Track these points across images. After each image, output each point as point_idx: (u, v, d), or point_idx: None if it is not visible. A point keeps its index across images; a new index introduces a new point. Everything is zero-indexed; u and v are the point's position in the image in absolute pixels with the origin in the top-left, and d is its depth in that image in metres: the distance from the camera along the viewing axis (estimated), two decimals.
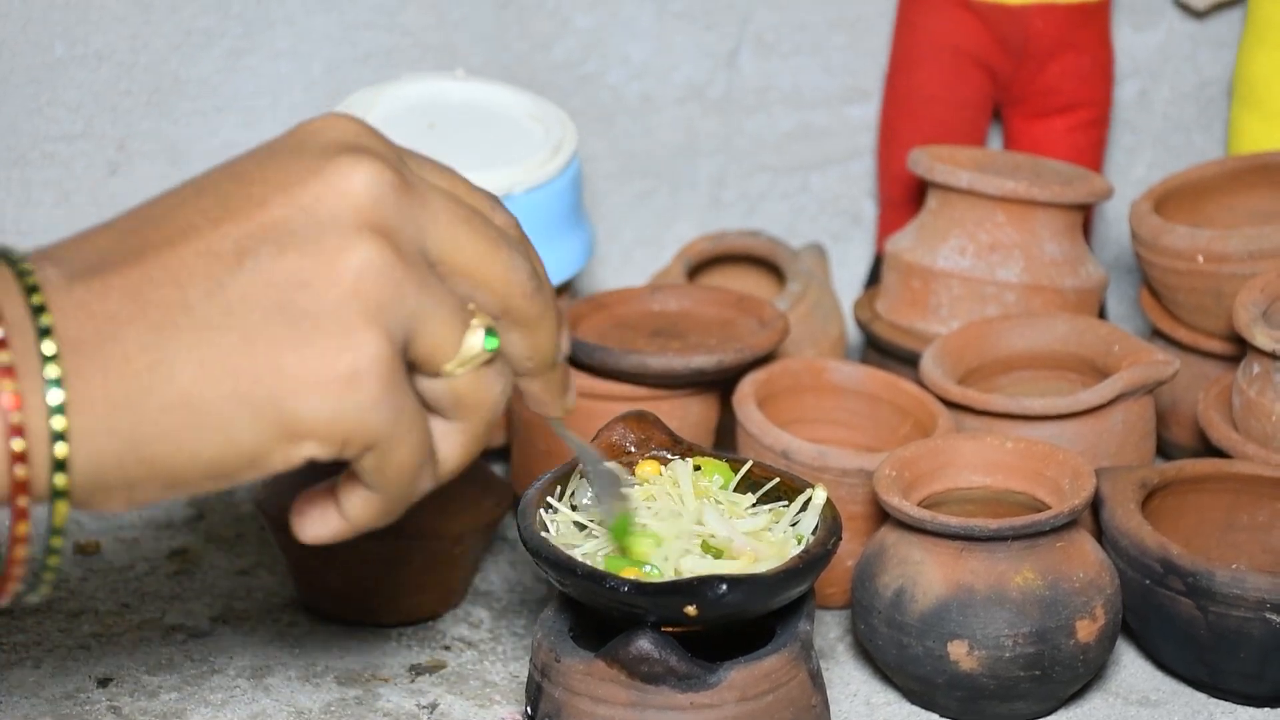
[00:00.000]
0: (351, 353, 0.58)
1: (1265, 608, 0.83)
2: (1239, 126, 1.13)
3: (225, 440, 0.59)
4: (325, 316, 0.58)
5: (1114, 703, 0.86)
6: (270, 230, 0.59)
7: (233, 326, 0.58)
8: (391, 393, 0.59)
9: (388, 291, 0.59)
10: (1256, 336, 0.92)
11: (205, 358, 0.58)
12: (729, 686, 0.74)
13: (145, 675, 0.86)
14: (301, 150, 0.61)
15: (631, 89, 1.14)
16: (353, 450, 0.60)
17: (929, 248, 1.03)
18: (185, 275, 0.58)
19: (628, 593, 0.73)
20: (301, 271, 0.58)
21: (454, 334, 0.62)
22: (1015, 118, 1.14)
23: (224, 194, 0.60)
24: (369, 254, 0.59)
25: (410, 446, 0.61)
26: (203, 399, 0.58)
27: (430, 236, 0.61)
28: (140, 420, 0.58)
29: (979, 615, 0.82)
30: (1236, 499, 0.91)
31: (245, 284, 0.58)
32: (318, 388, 0.58)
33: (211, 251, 0.58)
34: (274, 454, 0.59)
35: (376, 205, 0.60)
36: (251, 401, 0.58)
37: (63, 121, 1.06)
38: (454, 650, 0.89)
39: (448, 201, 0.62)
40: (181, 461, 0.59)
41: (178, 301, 0.58)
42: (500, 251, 0.63)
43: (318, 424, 0.59)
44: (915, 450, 0.87)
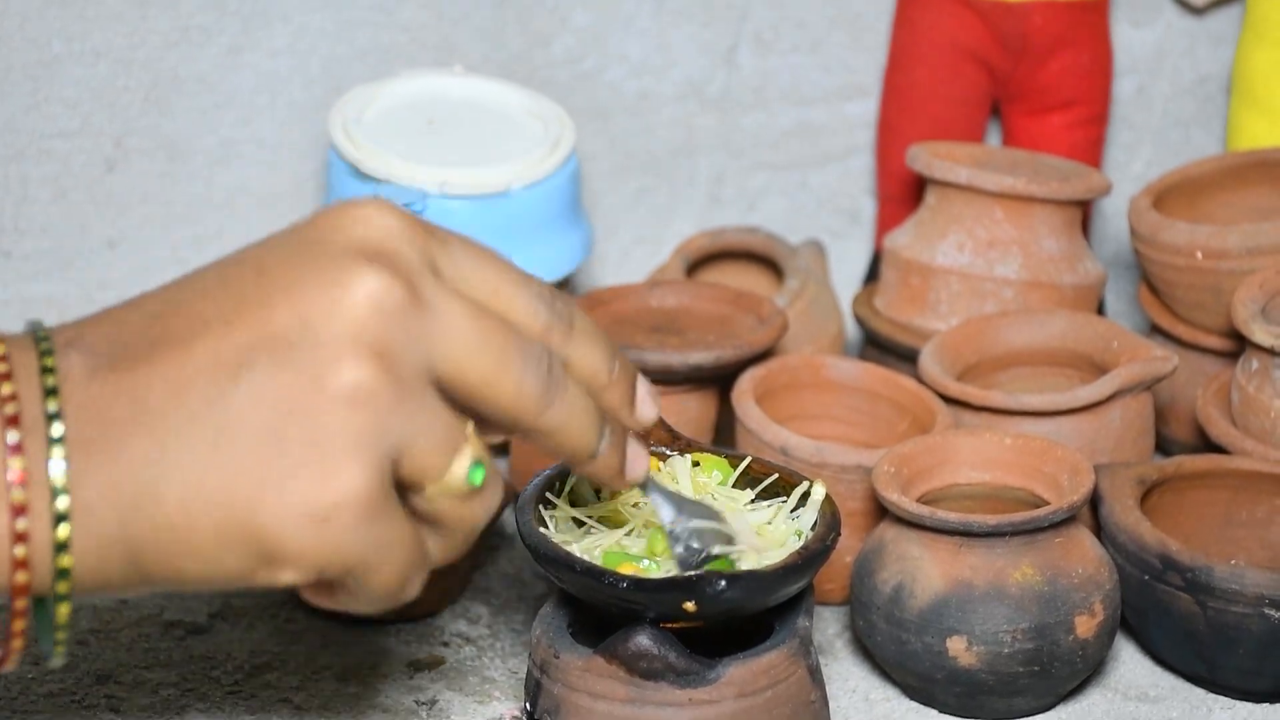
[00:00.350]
0: (333, 487, 0.59)
1: (1264, 603, 0.83)
2: (1238, 123, 1.13)
3: (208, 564, 0.60)
4: (310, 446, 0.59)
5: (1113, 698, 0.86)
6: (271, 341, 0.59)
7: (220, 454, 0.59)
8: (370, 525, 0.60)
9: (375, 420, 0.59)
10: (1255, 333, 0.92)
11: (190, 486, 0.59)
12: (728, 683, 0.74)
13: (143, 671, 0.86)
14: (323, 244, 0.61)
15: (630, 86, 1.14)
16: (332, 575, 0.61)
17: (928, 244, 1.03)
18: (188, 384, 0.59)
19: (626, 589, 0.73)
20: (293, 394, 0.59)
21: (440, 461, 0.61)
22: (1014, 114, 1.14)
23: (242, 289, 0.60)
24: (358, 377, 0.59)
25: (391, 572, 0.62)
26: (189, 526, 0.60)
27: (436, 356, 0.61)
28: (133, 536, 0.60)
29: (978, 611, 0.82)
30: (1235, 495, 0.91)
31: (241, 402, 0.59)
32: (292, 522, 0.59)
33: (216, 359, 0.60)
34: (257, 577, 0.61)
35: (379, 325, 0.60)
36: (230, 533, 0.60)
37: (60, 118, 1.06)
38: (452, 646, 0.89)
39: (464, 317, 0.61)
40: (171, 575, 0.61)
41: (178, 414, 0.59)
42: (510, 375, 0.62)
43: (293, 555, 0.60)
44: (914, 446, 0.87)
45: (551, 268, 1.04)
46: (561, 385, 0.64)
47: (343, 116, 1.03)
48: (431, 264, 0.62)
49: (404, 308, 0.60)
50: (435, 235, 0.63)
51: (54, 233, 1.08)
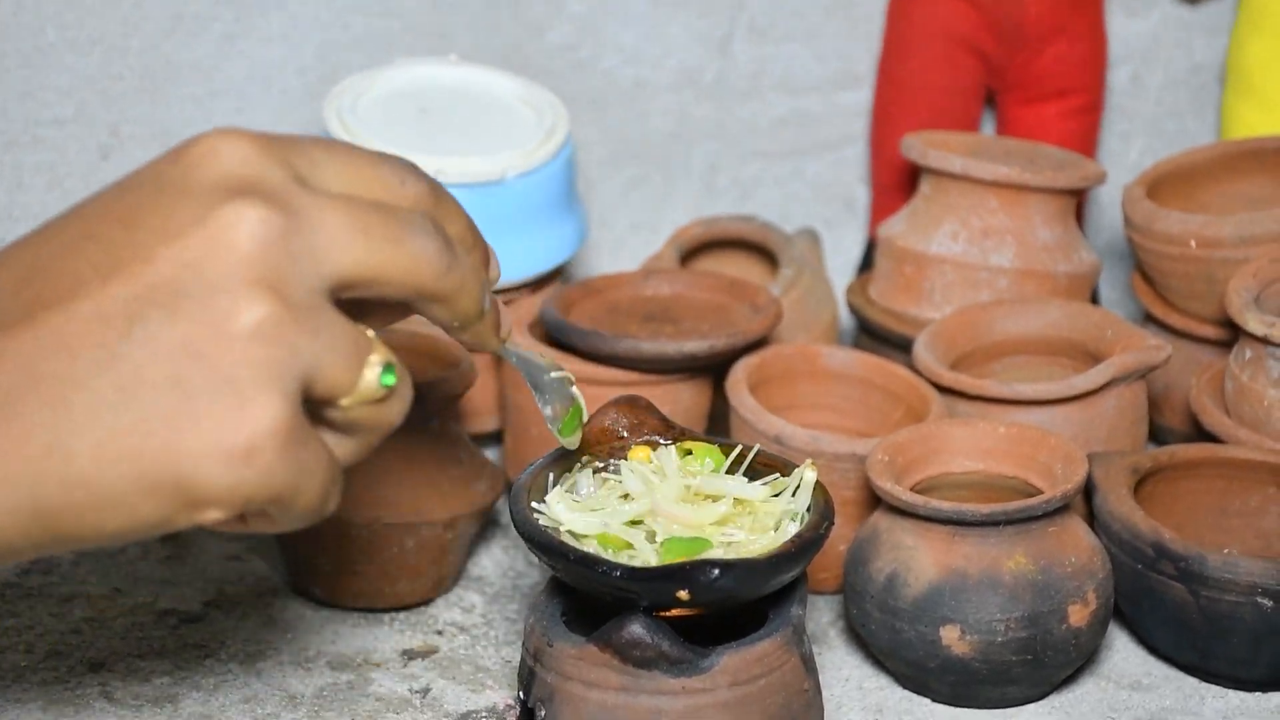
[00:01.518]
0: (248, 424, 0.58)
1: (1257, 592, 0.83)
2: (1232, 112, 1.13)
3: (127, 514, 0.59)
4: (218, 389, 0.58)
5: (1106, 687, 0.87)
6: (158, 291, 0.58)
7: (126, 405, 0.58)
8: (291, 453, 0.59)
9: (280, 351, 0.59)
10: (1249, 322, 0.92)
11: (101, 440, 0.58)
12: (721, 671, 0.74)
13: (137, 660, 0.86)
14: (186, 188, 0.60)
15: (625, 74, 1.14)
16: (256, 508, 0.60)
17: (922, 233, 1.03)
18: (76, 343, 0.58)
19: (620, 577, 0.73)
20: (192, 340, 0.58)
21: (350, 374, 0.61)
22: (1008, 103, 1.14)
23: (111, 242, 0.59)
24: (259, 314, 0.58)
25: (314, 491, 0.61)
26: (101, 480, 0.58)
27: (325, 264, 0.60)
28: (41, 497, 0.59)
29: (971, 600, 0.82)
30: (1229, 484, 0.91)
31: (137, 356, 0.58)
32: (215, 462, 0.58)
33: (101, 315, 0.58)
34: (177, 521, 0.60)
35: (264, 256, 0.59)
36: (150, 481, 0.59)
37: (54, 106, 1.06)
38: (446, 635, 0.89)
39: (341, 214, 0.61)
40: (86, 532, 0.60)
41: (70, 375, 0.58)
42: (402, 247, 0.62)
43: (218, 495, 0.59)
44: (908, 435, 0.88)
45: (546, 256, 1.04)
46: (452, 248, 0.64)
47: (337, 105, 1.03)
48: (294, 174, 0.61)
49: (284, 232, 0.59)
50: (286, 145, 0.62)
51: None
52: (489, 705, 0.84)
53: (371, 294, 0.62)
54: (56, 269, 0.59)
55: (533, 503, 0.77)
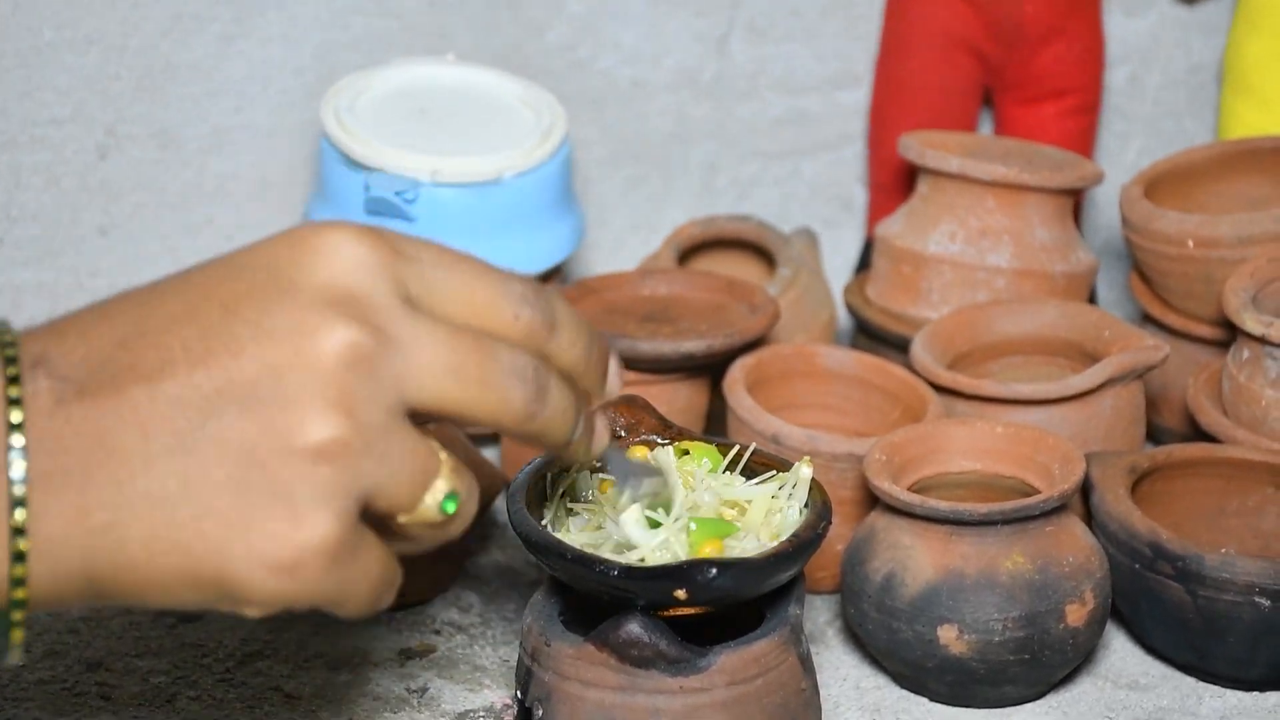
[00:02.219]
0: (296, 540, 0.59)
1: (1255, 592, 0.83)
2: (1230, 112, 1.13)
3: (169, 599, 0.61)
4: (274, 499, 0.59)
5: (1103, 686, 0.87)
6: (238, 388, 0.59)
7: (185, 499, 0.59)
8: (337, 569, 0.60)
9: (341, 473, 0.60)
10: (1246, 322, 0.92)
11: (156, 531, 0.59)
12: (719, 670, 0.74)
13: (134, 659, 0.86)
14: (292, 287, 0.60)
15: (623, 74, 1.14)
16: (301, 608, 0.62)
17: (919, 233, 1.03)
18: (153, 425, 0.59)
19: (617, 577, 0.73)
20: (259, 447, 0.59)
21: (411, 499, 0.62)
22: (1006, 103, 1.14)
23: (208, 328, 0.60)
24: (326, 435, 0.59)
25: (360, 599, 0.62)
26: (149, 567, 0.60)
27: (409, 391, 0.61)
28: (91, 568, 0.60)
29: (969, 599, 0.82)
30: (1226, 484, 0.91)
31: (205, 450, 0.59)
32: (259, 571, 0.60)
33: (182, 401, 0.59)
34: (219, 608, 0.62)
35: (345, 378, 0.59)
36: (194, 576, 0.60)
37: (52, 106, 1.06)
38: (444, 634, 0.89)
39: (437, 347, 0.61)
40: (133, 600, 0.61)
41: (141, 454, 0.59)
42: (491, 392, 0.62)
43: (258, 599, 0.61)
44: (905, 435, 0.88)
45: (543, 256, 1.04)
46: (545, 391, 0.64)
47: (335, 104, 1.03)
48: (403, 293, 0.61)
49: (372, 357, 0.60)
50: (404, 254, 0.62)
51: (46, 220, 1.08)
52: (486, 705, 0.84)
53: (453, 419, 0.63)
54: (152, 342, 0.60)
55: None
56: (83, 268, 1.09)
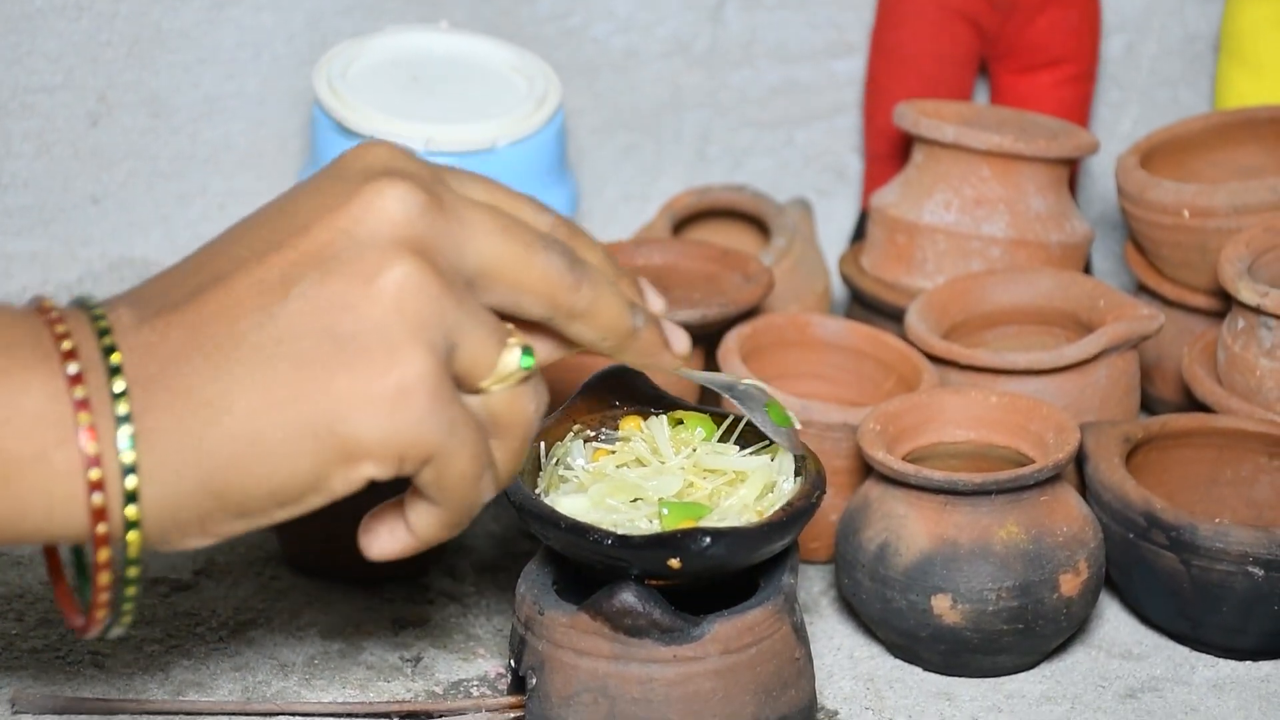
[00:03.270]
0: (398, 370, 0.61)
1: (1248, 561, 0.83)
2: (1226, 81, 1.13)
3: (287, 466, 0.61)
4: (369, 337, 0.61)
5: (1097, 656, 0.87)
6: (313, 256, 0.62)
7: (284, 355, 0.61)
8: (442, 405, 0.62)
9: (427, 307, 0.62)
10: (1241, 291, 0.92)
11: (261, 389, 0.61)
12: (712, 639, 0.74)
13: (128, 628, 0.85)
14: (340, 176, 0.64)
15: (616, 43, 1.14)
16: (410, 465, 0.62)
17: (914, 203, 1.03)
18: (237, 309, 0.61)
19: (611, 546, 0.73)
20: (345, 295, 0.61)
21: (491, 351, 0.64)
22: (1002, 73, 1.14)
23: (271, 227, 0.63)
24: (407, 271, 0.61)
25: (467, 456, 0.63)
26: (261, 428, 0.61)
27: (467, 252, 0.64)
28: (206, 451, 0.61)
29: (963, 569, 0.82)
30: (1220, 453, 0.91)
31: (293, 312, 0.61)
32: (368, 407, 0.61)
33: (261, 283, 0.62)
34: (334, 477, 0.62)
35: (411, 223, 0.62)
36: (307, 427, 0.61)
37: (43, 73, 1.06)
38: (437, 604, 0.89)
39: (483, 214, 0.65)
40: (248, 490, 0.62)
41: (231, 336, 0.61)
42: (536, 256, 0.65)
43: (372, 443, 0.61)
44: (899, 405, 0.87)
45: None
46: (584, 266, 0.67)
47: (327, 72, 1.03)
48: (441, 180, 0.65)
49: (432, 209, 0.63)
50: (438, 164, 0.66)
51: (37, 188, 1.07)
52: (480, 674, 0.84)
53: (509, 301, 0.65)
54: (220, 256, 0.63)
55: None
56: (74, 236, 1.08)
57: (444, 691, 0.83)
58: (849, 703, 0.83)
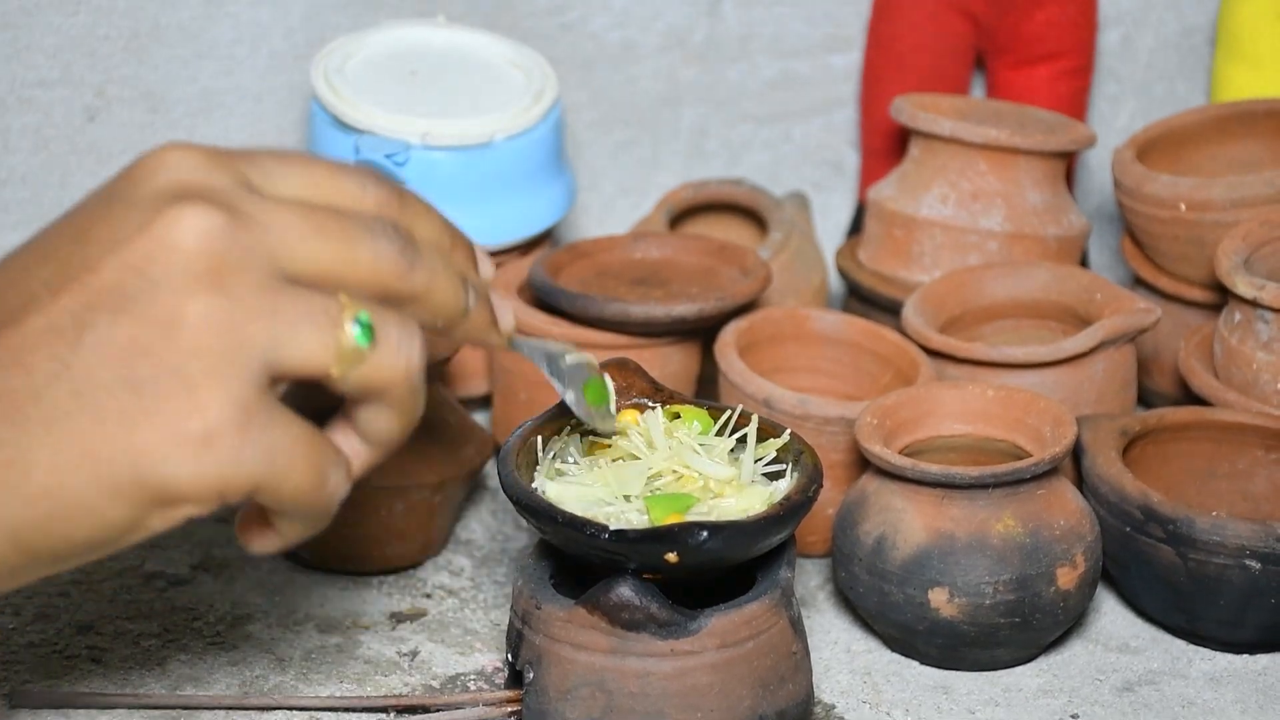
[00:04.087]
0: (199, 413, 0.58)
1: (1245, 555, 0.83)
2: (1222, 75, 1.13)
3: (95, 521, 0.59)
4: (167, 382, 0.58)
5: (1094, 649, 0.87)
6: (105, 298, 0.58)
7: (82, 409, 0.58)
8: (255, 436, 0.59)
9: (229, 339, 0.59)
10: (1238, 284, 0.92)
11: (59, 447, 0.58)
12: (709, 633, 0.74)
13: (125, 622, 0.86)
14: (134, 199, 0.60)
15: (613, 37, 1.14)
16: (236, 498, 0.60)
17: (911, 196, 1.03)
18: (29, 357, 0.58)
19: (608, 540, 0.73)
20: (139, 339, 0.58)
21: (325, 343, 0.60)
22: (998, 66, 1.14)
23: (63, 259, 0.59)
24: (201, 309, 0.58)
25: (297, 475, 0.60)
26: (65, 487, 0.58)
27: (281, 259, 0.60)
28: (9, 515, 0.58)
29: (960, 563, 0.82)
30: (1217, 447, 0.91)
31: (88, 360, 0.58)
32: (175, 454, 0.58)
33: (53, 328, 0.58)
34: (150, 521, 0.60)
35: (207, 253, 0.59)
36: (112, 482, 0.58)
37: (40, 67, 1.06)
38: (435, 598, 0.89)
39: (293, 216, 0.61)
40: (57, 546, 0.59)
41: (26, 389, 0.58)
42: (360, 249, 0.62)
43: (185, 488, 0.59)
44: (897, 398, 0.87)
45: (535, 220, 1.03)
46: (415, 247, 0.63)
47: (325, 67, 1.03)
48: (245, 184, 0.61)
49: (229, 230, 0.59)
50: (239, 156, 0.62)
51: (34, 183, 1.07)
52: (477, 668, 0.84)
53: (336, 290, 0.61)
54: (13, 292, 0.60)
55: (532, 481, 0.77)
56: None
57: (441, 686, 0.83)
58: (846, 696, 0.83)
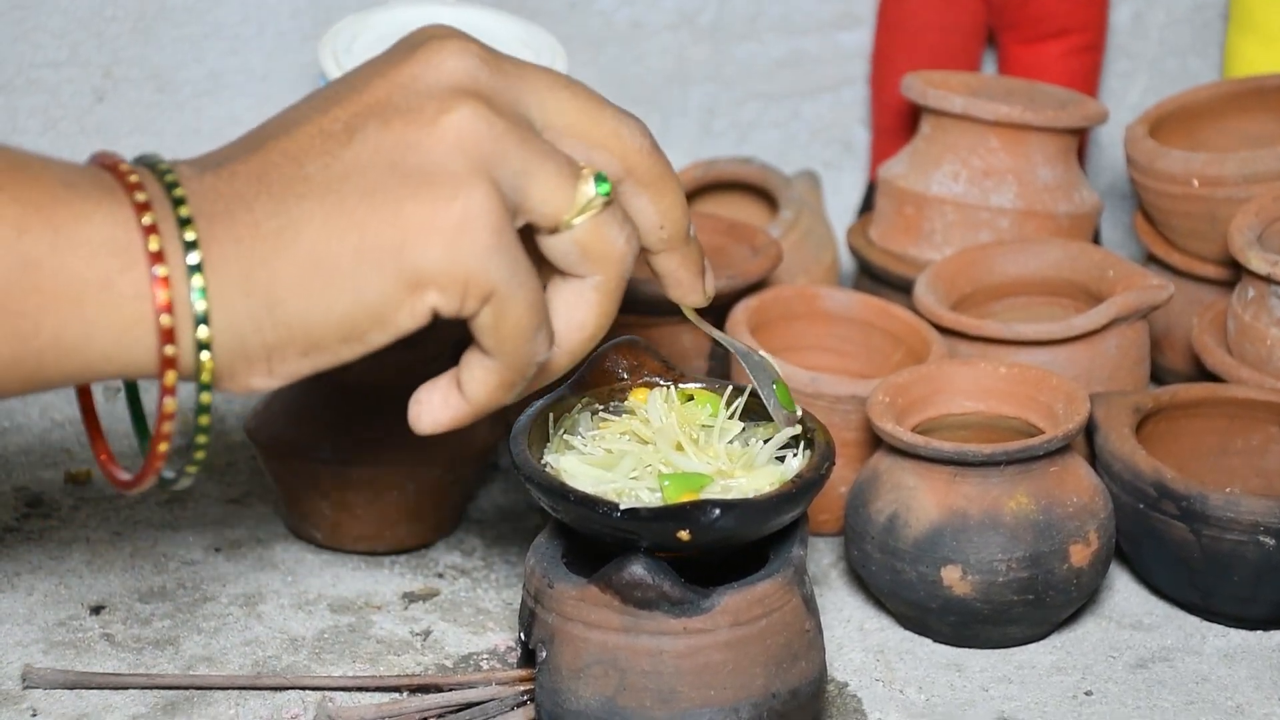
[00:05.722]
0: (462, 200, 0.61)
1: (1258, 531, 0.83)
2: (1234, 50, 1.12)
3: (354, 293, 0.62)
4: (434, 169, 0.62)
5: (1107, 626, 0.87)
6: (374, 107, 0.63)
7: (350, 188, 0.61)
8: (504, 244, 0.62)
9: (489, 145, 0.62)
10: (1251, 260, 0.92)
11: (328, 215, 0.61)
12: (722, 611, 0.74)
13: (138, 603, 0.86)
14: (398, 46, 0.65)
15: (622, 15, 1.13)
16: (472, 302, 0.63)
17: (922, 174, 1.02)
18: (301, 154, 0.62)
19: (621, 518, 0.73)
20: (407, 135, 0.62)
21: (565, 185, 0.64)
22: (1009, 43, 1.13)
23: (331, 90, 0.64)
24: (467, 111, 0.62)
25: (525, 302, 0.63)
26: (329, 254, 0.61)
27: (531, 103, 0.65)
28: (273, 280, 0.61)
29: (972, 540, 0.82)
30: (1230, 423, 0.91)
31: (358, 153, 0.62)
32: (433, 234, 0.61)
33: (323, 132, 0.62)
34: (400, 307, 0.62)
35: (470, 73, 0.63)
36: (374, 253, 0.61)
37: (48, 48, 1.05)
38: (447, 578, 0.89)
39: (545, 74, 0.65)
40: (315, 319, 0.62)
41: (297, 175, 0.62)
42: (608, 111, 0.66)
43: (437, 270, 0.62)
44: (908, 376, 0.87)
45: None
46: (656, 145, 0.67)
47: (333, 46, 1.02)
48: (495, 51, 0.66)
49: (489, 64, 0.64)
50: None
51: None
52: (490, 647, 0.84)
53: (579, 155, 0.65)
54: (284, 117, 0.64)
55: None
56: None
57: (454, 665, 0.83)
58: (859, 674, 0.83)
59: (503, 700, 0.79)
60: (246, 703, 0.79)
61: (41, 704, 0.79)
